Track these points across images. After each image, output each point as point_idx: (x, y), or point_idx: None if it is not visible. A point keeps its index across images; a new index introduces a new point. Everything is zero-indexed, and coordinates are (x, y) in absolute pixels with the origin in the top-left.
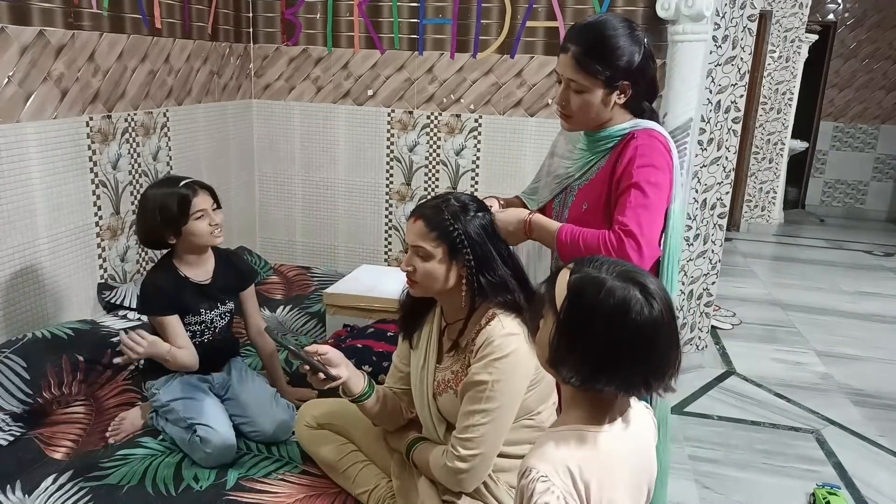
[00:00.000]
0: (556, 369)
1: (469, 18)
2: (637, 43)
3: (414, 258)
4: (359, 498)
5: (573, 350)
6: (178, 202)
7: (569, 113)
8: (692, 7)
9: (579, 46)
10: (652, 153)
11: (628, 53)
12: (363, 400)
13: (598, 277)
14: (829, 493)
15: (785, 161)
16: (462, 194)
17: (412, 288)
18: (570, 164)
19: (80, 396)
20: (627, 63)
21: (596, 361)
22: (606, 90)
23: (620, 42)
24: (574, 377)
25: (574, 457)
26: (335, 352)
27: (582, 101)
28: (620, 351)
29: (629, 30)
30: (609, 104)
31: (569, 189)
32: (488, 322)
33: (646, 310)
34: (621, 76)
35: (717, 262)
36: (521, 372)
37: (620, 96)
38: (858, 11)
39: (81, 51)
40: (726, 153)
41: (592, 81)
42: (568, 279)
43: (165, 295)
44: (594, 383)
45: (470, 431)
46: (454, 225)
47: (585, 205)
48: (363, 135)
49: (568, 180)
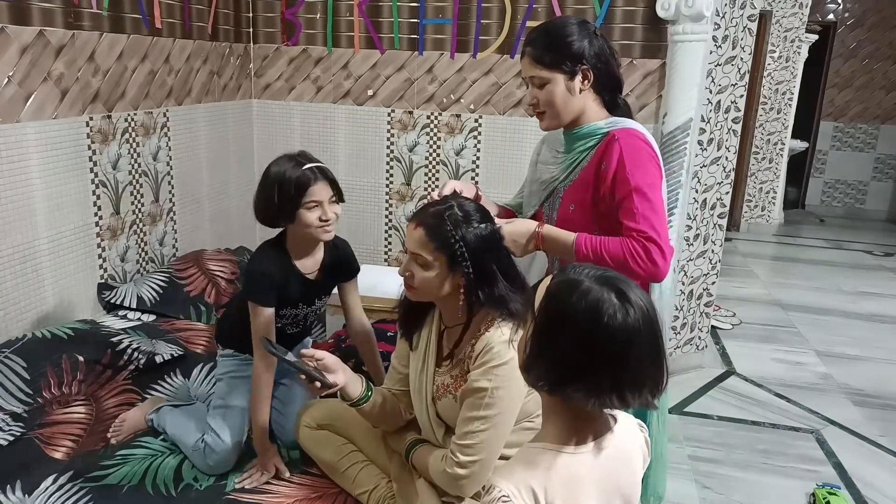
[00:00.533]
0: (527, 374)
1: (469, 18)
2: (585, 30)
3: (412, 264)
4: (359, 498)
5: (544, 354)
6: (294, 185)
7: (540, 110)
8: (692, 7)
9: (533, 46)
10: (639, 154)
11: (578, 39)
12: (361, 404)
13: (575, 280)
14: (829, 493)
15: (785, 161)
16: (466, 202)
17: (409, 292)
18: (553, 168)
19: (80, 396)
20: (579, 48)
21: (566, 366)
22: (566, 76)
23: (569, 30)
24: (543, 382)
25: (539, 477)
26: (332, 357)
27: (547, 94)
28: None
29: (577, 22)
30: (574, 90)
31: (555, 192)
32: (487, 329)
33: (619, 315)
34: (577, 60)
35: (717, 262)
36: (520, 378)
37: (584, 82)
38: (858, 11)
39: (81, 51)
40: (726, 153)
41: (550, 72)
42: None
43: (272, 284)
44: (563, 389)
45: (469, 438)
46: (455, 236)
47: (572, 206)
48: (363, 135)
49: (553, 183)
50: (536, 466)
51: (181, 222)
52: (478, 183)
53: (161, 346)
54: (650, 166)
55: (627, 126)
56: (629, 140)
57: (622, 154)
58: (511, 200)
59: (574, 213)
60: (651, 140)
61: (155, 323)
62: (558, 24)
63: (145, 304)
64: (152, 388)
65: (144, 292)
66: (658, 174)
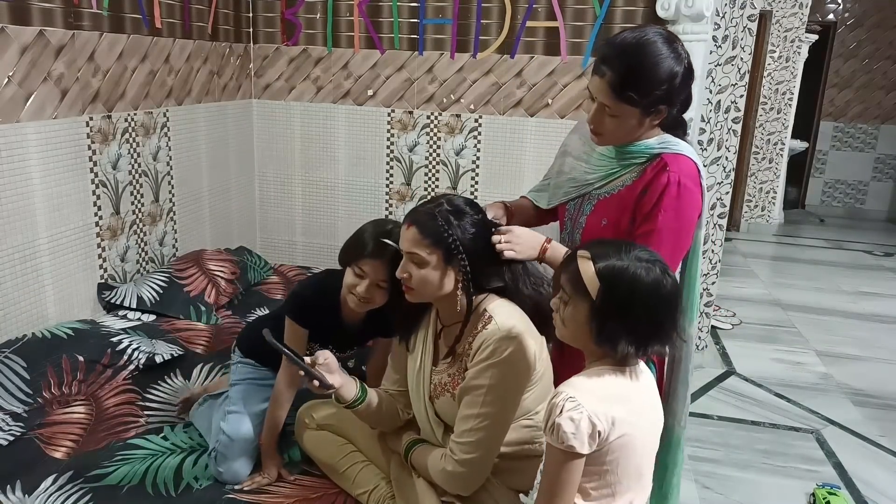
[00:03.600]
0: (608, 345)
1: (469, 18)
2: (678, 62)
3: (409, 265)
4: (358, 498)
5: (621, 329)
6: (359, 244)
7: (601, 132)
8: (692, 7)
9: (615, 73)
10: (681, 194)
11: (668, 79)
12: (356, 406)
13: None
14: (829, 493)
15: (785, 161)
16: (456, 196)
17: (408, 294)
18: (588, 168)
19: (80, 396)
20: (667, 90)
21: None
22: (640, 115)
23: (661, 69)
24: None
25: (602, 385)
26: (333, 358)
27: (614, 124)
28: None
29: (670, 50)
30: (644, 125)
31: (587, 197)
32: (485, 326)
33: (668, 282)
34: (659, 102)
35: (717, 262)
36: (519, 375)
37: (655, 119)
38: (858, 11)
39: (81, 51)
40: (726, 153)
41: (629, 109)
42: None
43: (311, 311)
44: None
45: (468, 435)
46: (448, 231)
47: (605, 221)
48: (363, 135)
49: (588, 187)
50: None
51: (181, 222)
52: (477, 183)
53: (161, 346)
54: (687, 209)
55: (681, 152)
56: (681, 177)
57: (667, 189)
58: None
59: (605, 230)
60: (701, 168)
61: (155, 323)
62: (650, 52)
63: (145, 304)
64: (152, 388)
65: (144, 292)
66: (693, 216)
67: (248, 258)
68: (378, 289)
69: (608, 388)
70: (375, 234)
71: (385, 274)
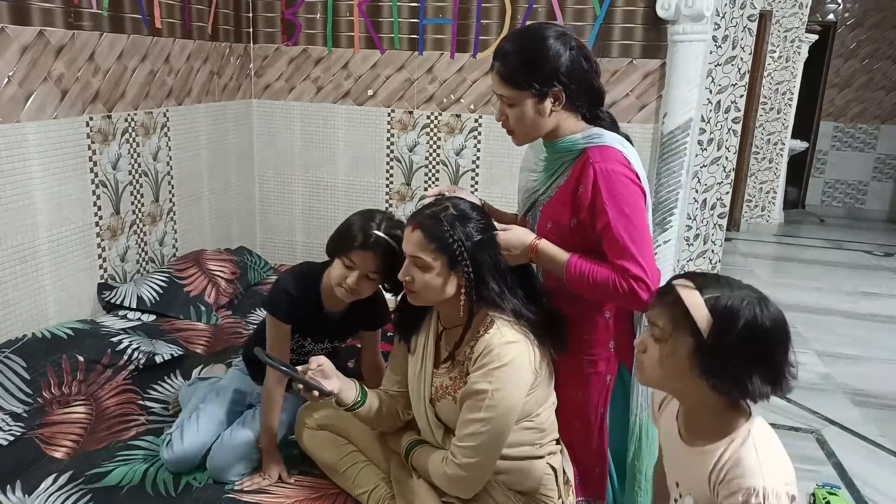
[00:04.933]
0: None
1: (469, 18)
2: (563, 45)
3: (412, 268)
4: (358, 499)
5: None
6: (348, 235)
7: (509, 128)
8: (692, 7)
9: (501, 62)
10: (614, 179)
11: (552, 59)
12: (356, 408)
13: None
14: (829, 493)
15: (785, 161)
16: (461, 201)
17: (410, 298)
18: (535, 177)
19: (80, 396)
20: (552, 69)
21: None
22: (535, 99)
23: (541, 49)
24: (767, 387)
25: (773, 445)
26: (328, 362)
27: (516, 114)
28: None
29: (554, 35)
30: (544, 112)
31: (536, 204)
32: (487, 330)
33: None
34: (548, 83)
35: (717, 262)
36: (520, 380)
37: (555, 103)
38: (858, 11)
39: (81, 51)
40: (726, 153)
41: (519, 93)
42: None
43: (293, 305)
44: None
45: (470, 439)
46: (454, 236)
47: (549, 223)
48: (363, 135)
49: (535, 195)
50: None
51: (181, 222)
52: (477, 183)
53: (161, 346)
54: (628, 189)
55: (605, 143)
56: (604, 164)
57: (597, 180)
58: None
59: (551, 232)
60: (630, 157)
61: (155, 323)
62: (529, 38)
63: (145, 304)
64: (152, 388)
65: (144, 292)
66: (639, 193)
67: (248, 258)
68: (367, 280)
69: (775, 445)
70: (364, 226)
71: (375, 265)
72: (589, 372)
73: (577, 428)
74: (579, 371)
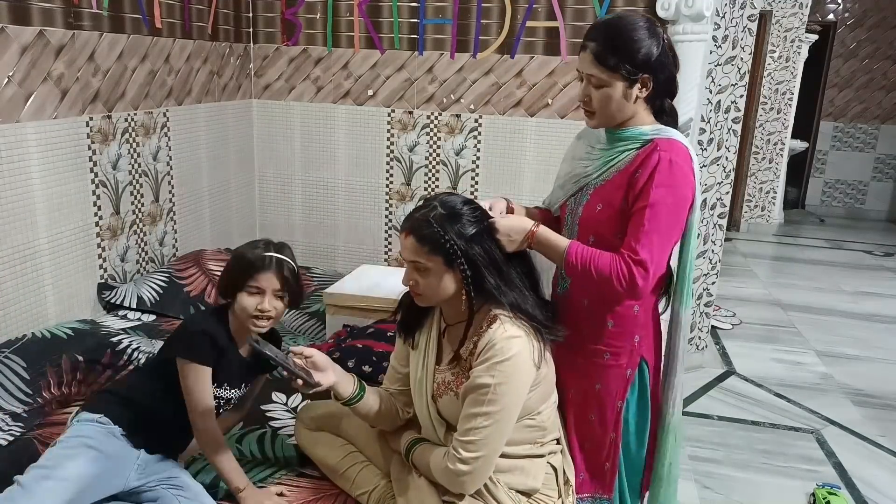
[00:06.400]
0: None
1: (469, 18)
2: (655, 36)
3: (413, 273)
4: (358, 499)
5: None
6: (245, 264)
7: (591, 109)
8: (692, 7)
9: (597, 42)
10: (672, 171)
11: (646, 46)
12: (354, 403)
13: None
14: (829, 493)
15: (785, 161)
16: (449, 197)
17: (417, 300)
18: (588, 163)
19: (79, 396)
20: (646, 56)
21: None
22: (626, 83)
23: (638, 35)
24: None
25: None
26: (321, 355)
27: (602, 96)
28: None
29: (647, 25)
30: (630, 98)
31: (585, 188)
32: (490, 325)
33: None
34: (640, 69)
35: (717, 262)
36: (523, 375)
37: (642, 90)
38: (858, 11)
39: (81, 51)
40: (726, 153)
41: (611, 75)
42: None
43: (214, 345)
44: None
45: (472, 434)
46: (444, 235)
47: (600, 205)
48: (363, 135)
49: (585, 179)
50: None
51: (181, 222)
52: (477, 183)
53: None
54: (681, 186)
55: (673, 137)
56: (671, 154)
57: (658, 166)
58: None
59: (601, 213)
60: (693, 156)
61: (155, 323)
62: (628, 24)
63: (145, 304)
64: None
65: (144, 292)
66: (687, 194)
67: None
68: (278, 299)
69: None
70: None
71: (279, 282)
72: (610, 364)
73: (592, 421)
74: (600, 363)
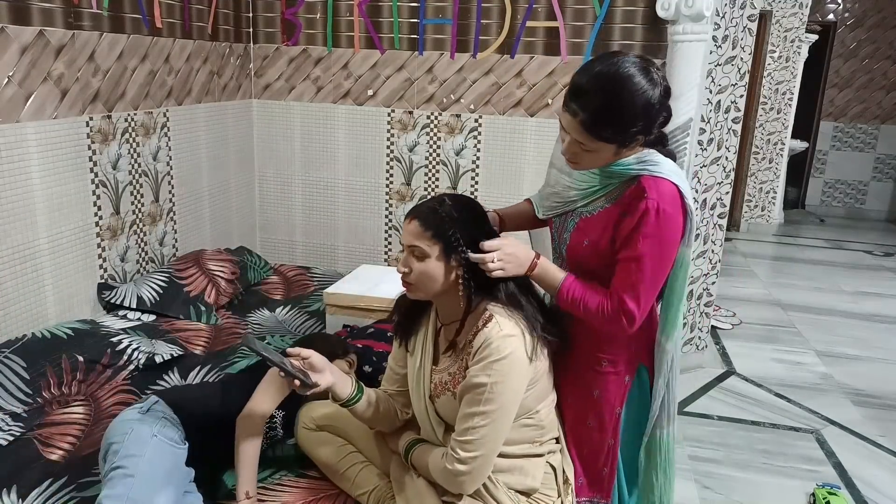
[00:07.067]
0: None
1: (469, 18)
2: (654, 89)
3: (410, 259)
4: (358, 499)
5: None
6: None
7: (576, 161)
8: (692, 7)
9: (588, 113)
10: (659, 221)
11: (644, 112)
12: (352, 404)
13: None
14: (829, 493)
15: (785, 161)
16: (456, 194)
17: (409, 291)
18: (571, 182)
19: (79, 396)
20: (644, 123)
21: None
22: (619, 147)
23: (636, 103)
24: None
25: None
26: (319, 356)
27: (592, 157)
28: None
29: (646, 80)
30: (621, 154)
31: (571, 213)
32: (485, 324)
33: None
34: (636, 135)
35: (717, 262)
36: (519, 373)
37: (634, 146)
38: (858, 11)
39: (81, 51)
40: (726, 153)
41: (604, 145)
42: None
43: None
44: None
45: (470, 433)
46: (449, 224)
47: (586, 241)
48: (363, 135)
49: (572, 204)
50: None
51: (181, 222)
52: (477, 183)
53: (161, 346)
54: (668, 237)
55: (661, 174)
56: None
57: (646, 216)
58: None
59: (587, 249)
60: (684, 189)
61: (155, 323)
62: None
63: (145, 304)
64: (152, 388)
65: (144, 292)
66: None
67: (248, 258)
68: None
69: None
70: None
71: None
72: (608, 371)
73: (590, 427)
74: (598, 370)
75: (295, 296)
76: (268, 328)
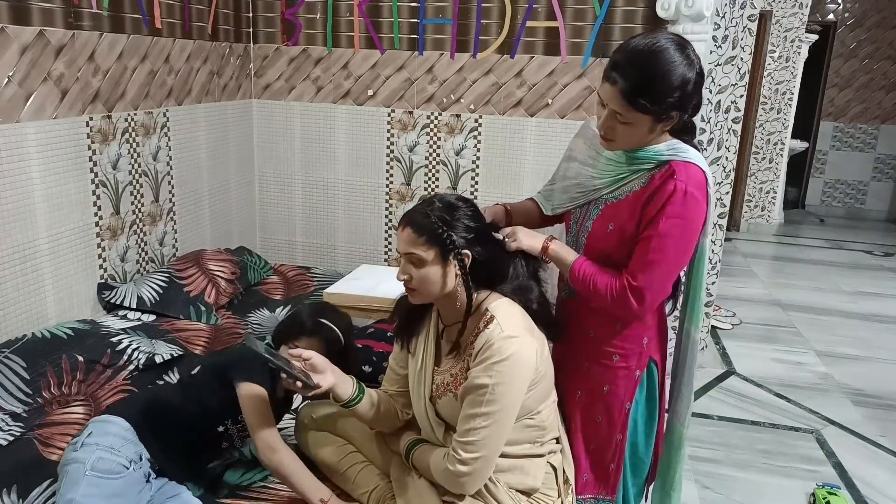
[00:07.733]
0: None
1: (469, 18)
2: (691, 68)
3: (408, 266)
4: (359, 499)
5: None
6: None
7: (612, 138)
8: (692, 7)
9: (627, 81)
10: (686, 202)
11: (680, 86)
12: (353, 405)
13: None
14: (829, 493)
15: (785, 161)
16: (446, 194)
17: (411, 296)
18: (596, 173)
19: (79, 396)
20: (680, 97)
21: None
22: (654, 121)
23: (674, 76)
24: None
25: None
26: (320, 357)
27: (628, 131)
28: None
29: (683, 57)
30: (655, 131)
31: (596, 201)
32: (486, 325)
33: None
34: (671, 109)
35: (717, 262)
36: (521, 374)
37: (669, 122)
38: (858, 11)
39: (81, 51)
40: (726, 153)
41: (641, 116)
42: None
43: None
44: None
45: (471, 435)
46: (442, 227)
47: (611, 226)
48: (363, 135)
49: (595, 193)
50: None
51: (181, 222)
52: (477, 183)
53: (161, 346)
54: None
55: (690, 160)
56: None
57: (673, 197)
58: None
59: (611, 235)
60: (710, 176)
61: (155, 323)
62: (661, 56)
63: (145, 304)
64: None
65: (144, 292)
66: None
67: (248, 258)
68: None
69: None
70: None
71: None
72: (619, 366)
73: (599, 422)
74: (609, 365)
75: (295, 296)
76: (268, 328)
